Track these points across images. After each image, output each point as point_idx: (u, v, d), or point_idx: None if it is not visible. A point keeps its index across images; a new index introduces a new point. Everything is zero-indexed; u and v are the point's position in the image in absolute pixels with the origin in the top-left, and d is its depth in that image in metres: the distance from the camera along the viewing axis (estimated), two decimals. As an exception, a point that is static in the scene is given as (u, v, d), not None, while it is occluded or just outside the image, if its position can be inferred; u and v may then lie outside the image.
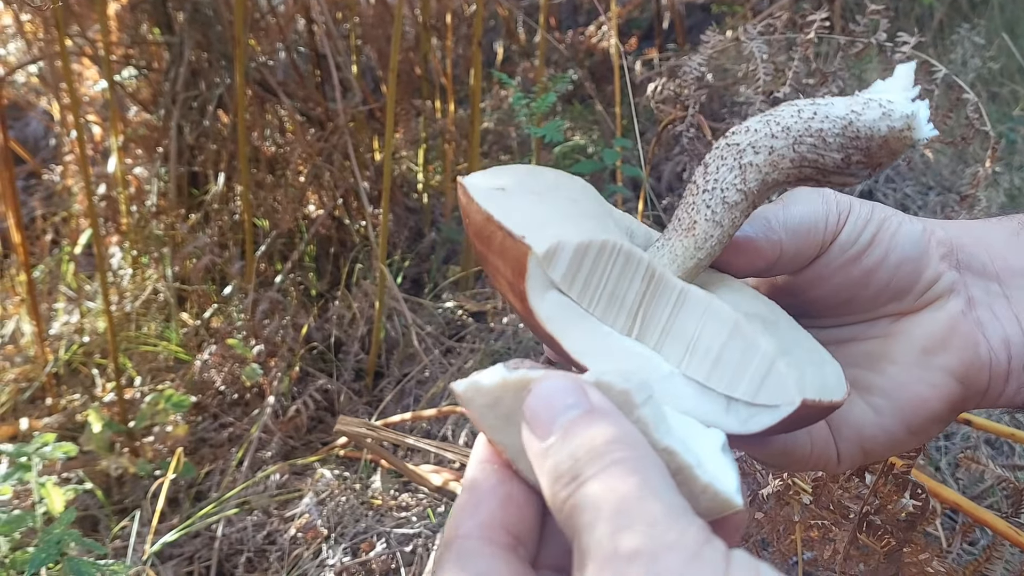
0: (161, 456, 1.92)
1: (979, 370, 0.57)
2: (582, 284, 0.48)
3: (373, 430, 1.05)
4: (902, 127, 0.49)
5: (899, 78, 0.51)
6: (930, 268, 0.57)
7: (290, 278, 2.35)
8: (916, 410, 0.58)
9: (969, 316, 0.57)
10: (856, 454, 0.61)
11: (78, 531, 1.24)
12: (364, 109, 2.53)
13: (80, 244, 2.71)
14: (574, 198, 0.52)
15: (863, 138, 0.49)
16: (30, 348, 2.32)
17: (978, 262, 0.59)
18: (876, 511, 0.79)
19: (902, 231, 0.58)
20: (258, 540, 1.65)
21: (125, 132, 2.57)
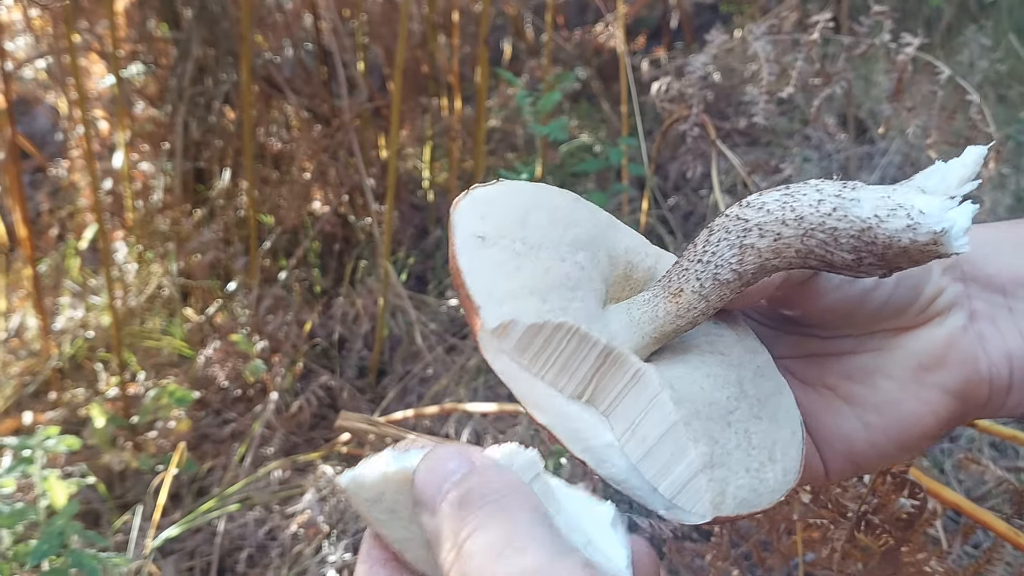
0: (164, 451, 1.92)
1: (978, 385, 0.56)
2: (532, 355, 0.48)
3: (375, 425, 1.05)
4: (927, 242, 0.44)
5: (956, 169, 0.45)
6: (931, 284, 0.56)
7: (294, 275, 2.35)
8: (908, 427, 0.57)
9: (970, 331, 0.56)
10: (846, 467, 0.60)
11: (80, 524, 1.25)
12: (370, 106, 2.53)
13: (85, 239, 2.72)
14: (561, 254, 0.50)
15: (880, 245, 0.45)
16: (35, 342, 2.32)
17: (984, 273, 0.57)
18: (874, 510, 0.79)
19: None
20: (259, 536, 1.66)
21: (131, 127, 2.58)
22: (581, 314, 0.48)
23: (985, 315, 0.56)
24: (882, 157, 2.10)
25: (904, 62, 1.15)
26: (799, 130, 2.30)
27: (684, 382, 0.49)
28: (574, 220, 0.52)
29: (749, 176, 1.28)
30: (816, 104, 1.20)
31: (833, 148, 2.16)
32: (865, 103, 2.22)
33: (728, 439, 0.49)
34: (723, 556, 0.93)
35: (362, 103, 2.43)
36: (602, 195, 1.92)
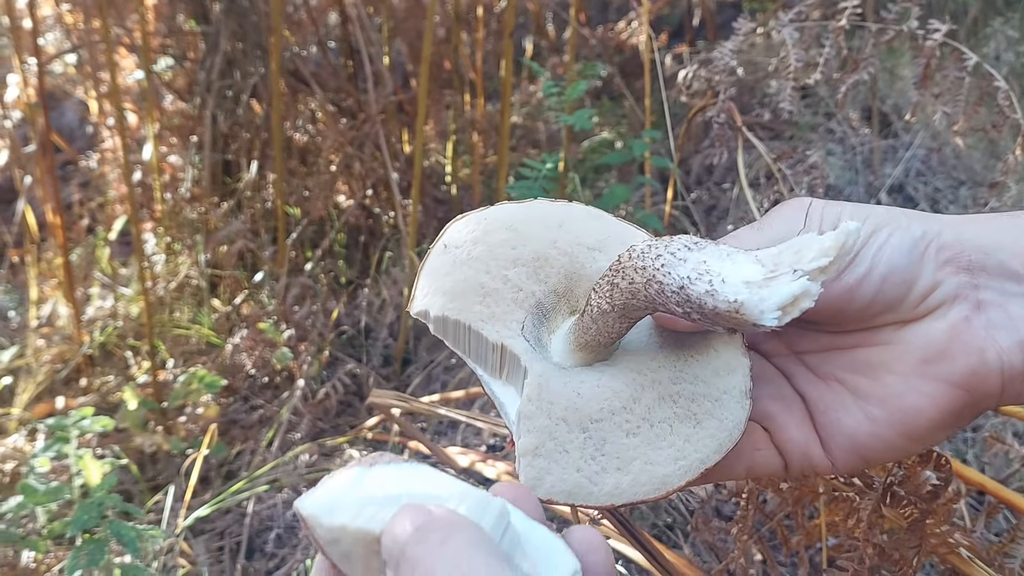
0: (193, 435, 1.95)
1: (985, 376, 0.55)
2: (453, 340, 0.60)
3: (405, 401, 1.08)
4: (728, 310, 0.47)
5: (813, 245, 0.48)
6: (923, 278, 0.56)
7: (320, 265, 2.38)
8: (913, 420, 0.57)
9: (975, 322, 0.55)
10: (853, 460, 0.61)
11: (119, 496, 1.27)
12: (395, 100, 2.56)
13: (115, 230, 2.76)
14: (488, 268, 0.60)
15: (694, 304, 0.48)
16: (66, 330, 2.36)
17: (995, 261, 0.56)
18: (900, 482, 0.80)
19: (890, 244, 0.56)
20: (287, 517, 1.68)
21: (160, 120, 2.61)
22: (478, 316, 0.58)
23: (995, 304, 0.56)
24: (906, 151, 2.11)
25: (932, 49, 1.16)
26: (823, 124, 2.31)
27: (565, 385, 0.57)
28: (526, 239, 0.61)
29: (775, 163, 1.30)
30: (843, 90, 1.21)
31: (857, 141, 2.17)
32: (890, 97, 2.23)
33: (571, 440, 0.55)
34: (747, 531, 0.95)
35: (387, 97, 2.46)
36: (625, 188, 1.94)
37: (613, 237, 0.63)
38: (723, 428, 0.57)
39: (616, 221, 0.65)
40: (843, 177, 2.10)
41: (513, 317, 0.59)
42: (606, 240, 0.63)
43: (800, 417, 0.62)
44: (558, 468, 0.55)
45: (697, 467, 0.56)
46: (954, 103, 1.18)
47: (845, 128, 2.22)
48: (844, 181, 2.09)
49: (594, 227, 0.63)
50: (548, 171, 1.64)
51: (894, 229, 0.57)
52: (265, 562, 1.64)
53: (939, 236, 0.57)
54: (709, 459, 0.56)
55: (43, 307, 2.53)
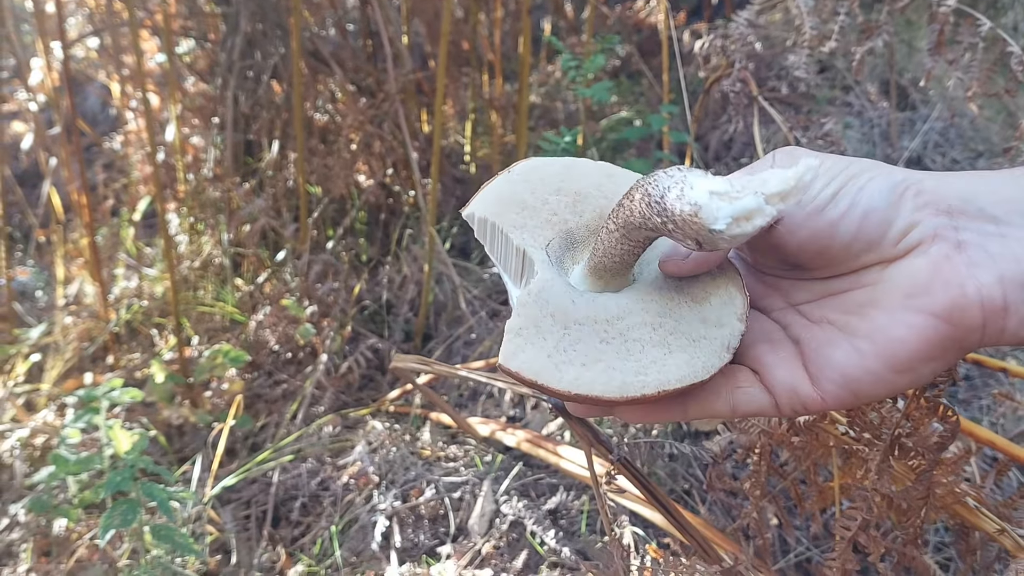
0: (218, 409, 1.99)
1: (966, 308, 0.58)
2: (489, 244, 0.68)
3: (427, 364, 1.10)
4: (690, 212, 0.53)
5: (776, 175, 0.55)
6: (901, 218, 0.59)
7: (342, 243, 2.41)
8: (897, 350, 0.60)
9: (956, 259, 0.58)
10: (843, 394, 0.64)
11: (150, 458, 1.31)
12: (414, 78, 2.58)
13: (139, 211, 2.80)
14: (534, 190, 0.69)
15: (669, 211, 0.55)
16: (93, 308, 2.41)
17: (974, 206, 0.59)
18: (907, 435, 0.82)
19: (870, 186, 0.60)
20: (312, 486, 1.72)
21: (183, 102, 2.65)
22: (511, 222, 0.67)
23: (975, 243, 0.58)
24: (924, 123, 2.11)
25: (945, 15, 1.17)
26: (840, 97, 2.31)
27: (564, 293, 0.64)
28: (576, 178, 0.70)
29: (790, 132, 1.31)
30: (858, 57, 1.22)
31: (875, 114, 2.17)
32: (908, 70, 2.23)
33: (551, 331, 0.62)
34: (760, 486, 0.97)
35: (407, 75, 2.48)
36: (644, 163, 1.96)
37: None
38: (691, 364, 0.61)
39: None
40: (860, 150, 2.10)
41: (542, 233, 0.67)
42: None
43: (788, 357, 0.65)
44: (532, 349, 0.61)
45: (655, 386, 0.60)
46: (968, 69, 1.19)
47: (863, 101, 2.22)
48: (861, 153, 2.10)
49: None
50: (567, 144, 1.66)
51: (876, 174, 0.60)
52: (291, 529, 1.68)
53: (920, 183, 0.60)
54: (668, 384, 0.60)
55: (70, 286, 2.57)
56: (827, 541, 1.42)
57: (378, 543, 1.56)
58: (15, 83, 3.34)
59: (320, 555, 1.59)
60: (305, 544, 1.63)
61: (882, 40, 1.22)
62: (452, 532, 1.58)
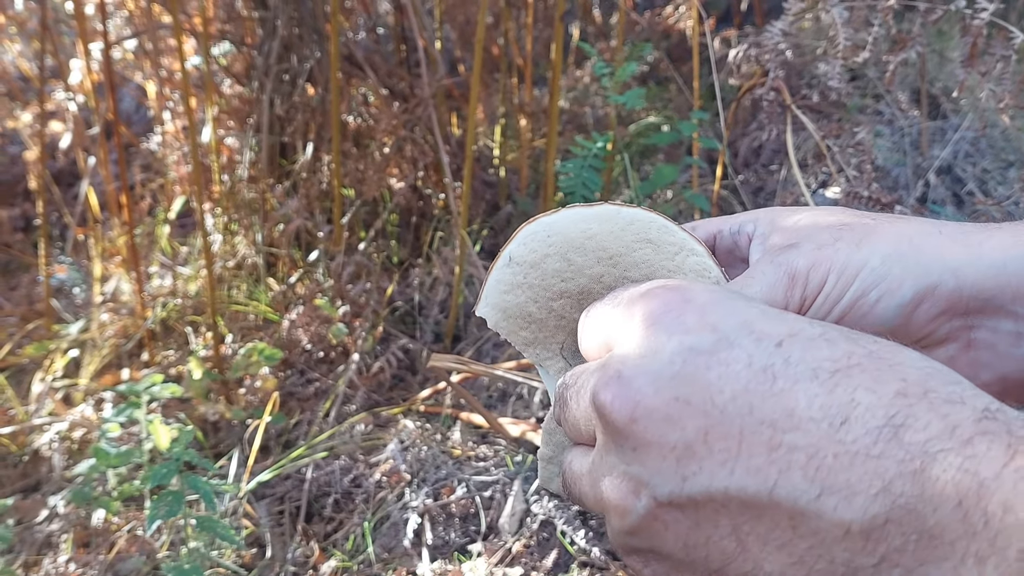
0: (252, 406, 2.03)
1: None
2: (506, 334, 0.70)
3: (464, 363, 1.13)
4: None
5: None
6: (909, 336, 0.57)
7: (374, 245, 2.45)
8: None
9: (960, 360, 0.57)
10: None
11: (195, 451, 1.35)
12: (448, 83, 2.61)
13: (174, 210, 2.85)
14: (536, 297, 0.68)
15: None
16: (130, 305, 2.46)
17: (995, 304, 0.57)
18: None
19: (874, 313, 0.58)
20: (345, 483, 1.75)
21: (219, 104, 2.69)
22: (522, 340, 0.70)
23: (985, 343, 0.57)
24: (955, 132, 2.12)
25: (979, 28, 1.19)
26: (871, 106, 2.32)
27: None
28: (576, 272, 0.68)
29: (823, 140, 1.33)
30: (891, 68, 1.24)
31: (906, 123, 2.19)
32: (939, 79, 2.24)
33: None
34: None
35: (439, 80, 2.51)
36: (673, 168, 1.98)
37: (661, 268, 0.67)
38: None
39: (673, 238, 0.67)
40: (891, 159, 2.12)
41: (555, 340, 0.70)
42: (653, 272, 0.67)
43: None
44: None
45: None
46: (1000, 81, 1.21)
47: (894, 110, 2.23)
48: (892, 162, 2.11)
49: (644, 258, 0.67)
50: (599, 150, 1.68)
51: (882, 294, 0.58)
52: (323, 525, 1.71)
53: (935, 290, 0.57)
54: None
55: (107, 284, 2.62)
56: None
57: (410, 540, 1.59)
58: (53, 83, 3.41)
59: (353, 551, 1.62)
60: (338, 540, 1.66)
61: (915, 51, 1.24)
62: (483, 530, 1.60)
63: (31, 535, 1.73)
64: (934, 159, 2.06)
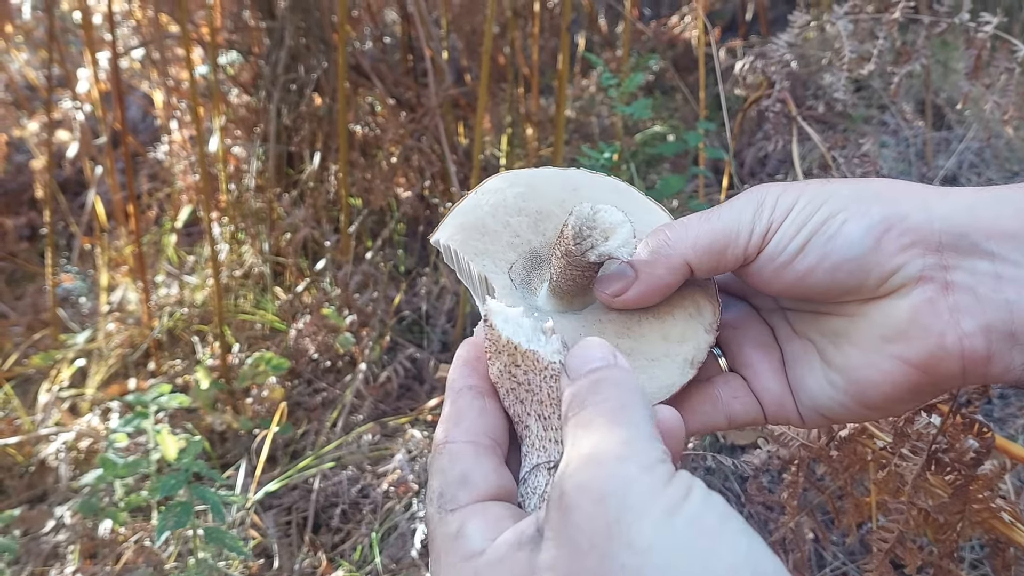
0: (260, 416, 2.03)
1: (943, 359, 0.56)
2: (457, 269, 0.68)
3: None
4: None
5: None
6: (880, 264, 0.56)
7: (380, 254, 2.45)
8: (867, 391, 0.59)
9: (939, 304, 0.55)
10: (816, 419, 0.64)
11: (203, 462, 1.35)
12: (454, 94, 2.62)
13: (180, 220, 2.86)
14: (495, 213, 0.68)
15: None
16: (136, 314, 2.46)
17: (968, 241, 0.55)
18: (944, 450, 0.84)
19: (841, 233, 0.57)
20: (352, 494, 1.75)
21: (226, 113, 2.70)
22: (472, 249, 0.66)
23: (964, 286, 0.55)
24: (959, 142, 2.12)
25: (983, 40, 1.19)
26: (876, 116, 2.33)
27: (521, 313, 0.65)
28: (538, 195, 0.69)
29: (828, 152, 1.34)
30: (896, 80, 1.25)
31: (911, 134, 2.19)
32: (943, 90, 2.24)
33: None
34: (796, 496, 0.99)
35: (447, 89, 2.52)
36: (679, 178, 1.98)
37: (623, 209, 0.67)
38: (651, 385, 0.61)
39: (638, 200, 0.70)
40: (896, 168, 2.12)
41: (504, 257, 0.67)
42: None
43: (777, 367, 0.65)
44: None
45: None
46: (1004, 93, 1.21)
47: (899, 120, 2.23)
48: (897, 172, 2.11)
49: (608, 198, 0.68)
50: (606, 160, 1.69)
51: (850, 215, 0.57)
52: (331, 536, 1.71)
53: (905, 219, 0.57)
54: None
55: (113, 293, 2.63)
56: (863, 555, 1.43)
57: (417, 550, 1.59)
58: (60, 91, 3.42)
59: (360, 561, 1.63)
60: (345, 550, 1.67)
61: (919, 63, 1.24)
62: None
63: (37, 546, 1.74)
64: (939, 169, 2.06)
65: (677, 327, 0.64)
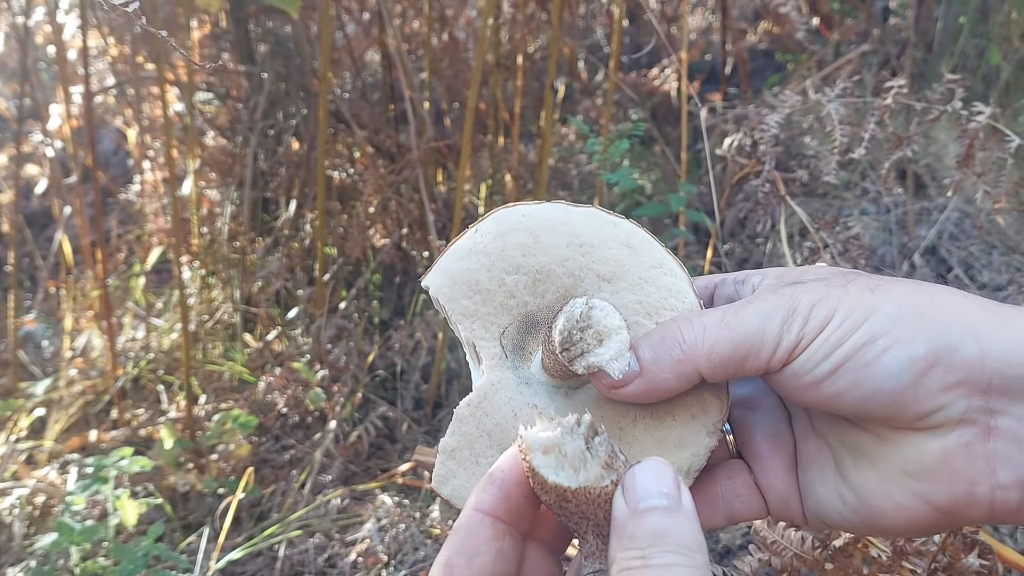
0: (224, 474, 1.97)
1: (969, 507, 0.51)
2: (446, 317, 0.63)
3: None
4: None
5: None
6: (918, 403, 0.51)
7: (355, 305, 2.41)
8: (878, 520, 0.55)
9: (976, 449, 0.50)
10: (820, 524, 0.60)
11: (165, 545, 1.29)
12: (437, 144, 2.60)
13: (149, 263, 2.80)
14: (490, 268, 0.62)
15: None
16: (100, 363, 2.40)
17: (1022, 386, 0.50)
18: (944, 568, 0.81)
19: (880, 363, 0.51)
20: (319, 563, 1.69)
21: (201, 156, 2.66)
22: (460, 310, 0.61)
23: (1008, 433, 0.50)
24: (940, 213, 2.12)
25: (975, 130, 1.18)
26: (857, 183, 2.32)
27: (509, 401, 0.60)
28: (540, 250, 0.62)
29: (817, 232, 1.32)
30: (887, 165, 1.23)
31: (891, 202, 2.19)
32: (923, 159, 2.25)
33: (485, 456, 0.59)
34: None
35: (428, 141, 2.49)
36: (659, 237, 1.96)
37: (632, 273, 0.62)
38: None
39: (653, 257, 0.63)
40: (877, 237, 2.11)
41: (496, 320, 0.62)
42: (622, 274, 0.62)
43: (787, 464, 0.60)
44: (464, 476, 0.58)
45: None
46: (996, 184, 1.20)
47: (879, 188, 2.23)
48: (878, 241, 2.10)
49: (618, 257, 0.62)
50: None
51: (892, 343, 0.51)
52: (295, 606, 1.65)
53: (953, 353, 0.50)
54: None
55: (77, 338, 2.56)
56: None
57: (385, 626, 1.54)
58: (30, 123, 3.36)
59: (325, 636, 1.57)
60: (310, 623, 1.61)
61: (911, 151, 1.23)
62: (460, 617, 1.55)
63: (-13, 609, 1.67)
64: (920, 239, 2.05)
65: (675, 431, 0.59)
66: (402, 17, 3.01)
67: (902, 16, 2.84)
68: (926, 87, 1.30)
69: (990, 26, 2.24)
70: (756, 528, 0.95)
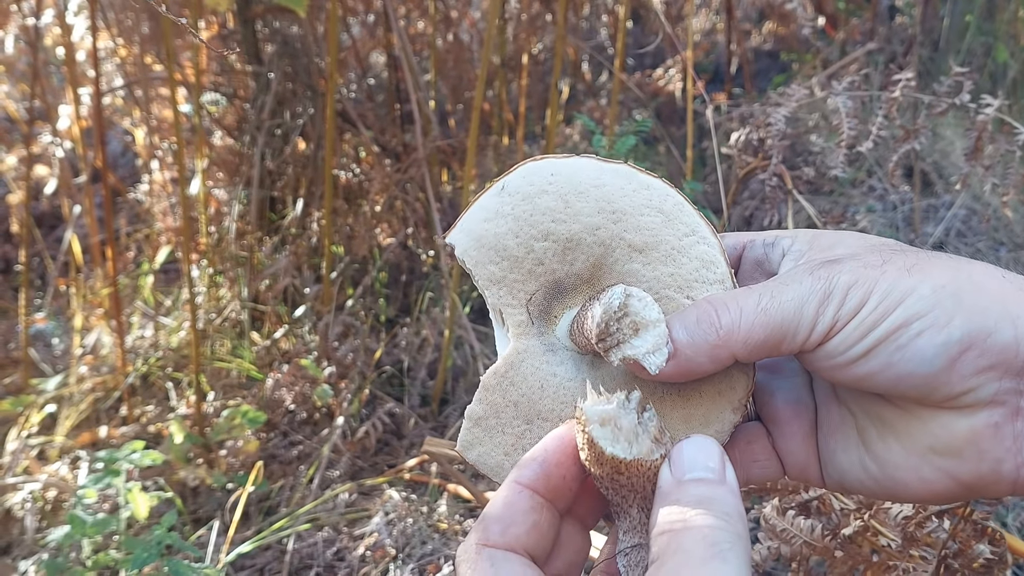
0: (233, 469, 1.98)
1: (994, 483, 0.52)
2: (472, 278, 0.62)
3: (461, 453, 1.10)
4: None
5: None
6: (949, 386, 0.51)
7: (361, 303, 2.42)
8: (900, 491, 0.56)
9: (1004, 429, 0.51)
10: (838, 487, 0.61)
11: (177, 534, 1.30)
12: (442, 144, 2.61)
13: (157, 262, 2.81)
14: (518, 232, 0.61)
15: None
16: (110, 359, 2.41)
17: None
18: (954, 555, 0.82)
19: (914, 346, 0.51)
20: (328, 556, 1.70)
21: (209, 156, 2.67)
22: (487, 276, 0.60)
23: None
24: (947, 210, 2.12)
25: (984, 123, 1.18)
26: (864, 180, 2.33)
27: (536, 371, 0.60)
28: (571, 217, 0.61)
29: (824, 227, 1.32)
30: (894, 160, 1.24)
31: (897, 199, 2.19)
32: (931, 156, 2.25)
33: (512, 425, 0.59)
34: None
35: (434, 140, 2.50)
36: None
37: (665, 243, 0.61)
38: None
39: (688, 225, 0.62)
40: (884, 234, 2.12)
41: (523, 287, 0.61)
42: (655, 244, 0.61)
43: (807, 429, 0.61)
44: (490, 443, 0.59)
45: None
46: (1004, 176, 1.21)
47: (886, 185, 2.24)
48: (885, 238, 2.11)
49: (651, 225, 0.61)
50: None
51: (927, 326, 0.51)
52: (304, 600, 1.66)
53: (989, 337, 0.50)
54: None
55: (87, 335, 2.58)
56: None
57: (394, 619, 1.55)
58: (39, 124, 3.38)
59: (334, 628, 1.58)
60: (319, 616, 1.62)
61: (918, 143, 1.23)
62: (469, 610, 1.56)
63: (-1, 602, 1.68)
64: (927, 236, 2.06)
65: (702, 407, 0.59)
66: (407, 19, 3.02)
67: (908, 14, 2.85)
68: (933, 84, 1.30)
69: (996, 24, 2.24)
70: (765, 516, 0.96)
